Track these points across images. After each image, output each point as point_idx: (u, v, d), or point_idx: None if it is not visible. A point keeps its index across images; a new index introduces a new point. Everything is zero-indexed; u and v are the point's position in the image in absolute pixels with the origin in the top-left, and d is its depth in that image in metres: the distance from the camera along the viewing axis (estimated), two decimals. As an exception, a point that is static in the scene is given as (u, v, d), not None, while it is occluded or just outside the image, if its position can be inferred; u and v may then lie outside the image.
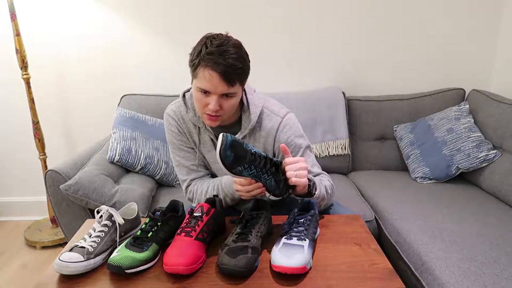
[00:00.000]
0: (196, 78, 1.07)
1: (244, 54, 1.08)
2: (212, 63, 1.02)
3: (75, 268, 0.89)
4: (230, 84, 1.04)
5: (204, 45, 1.04)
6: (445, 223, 1.43)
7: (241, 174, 0.96)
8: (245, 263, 0.88)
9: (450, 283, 1.13)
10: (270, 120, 1.21)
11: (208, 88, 1.05)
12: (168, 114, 1.26)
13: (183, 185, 1.30)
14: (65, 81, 2.24)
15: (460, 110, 1.96)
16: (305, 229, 0.98)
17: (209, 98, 1.07)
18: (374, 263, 0.95)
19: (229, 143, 0.91)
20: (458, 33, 2.18)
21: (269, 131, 1.21)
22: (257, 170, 0.96)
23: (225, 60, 1.02)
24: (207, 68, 1.03)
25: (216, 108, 1.06)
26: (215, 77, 1.02)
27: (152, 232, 0.97)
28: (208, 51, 1.02)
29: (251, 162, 0.94)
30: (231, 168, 0.93)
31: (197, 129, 1.24)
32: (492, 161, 1.75)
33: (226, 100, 1.08)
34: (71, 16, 2.13)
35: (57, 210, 1.56)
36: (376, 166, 2.10)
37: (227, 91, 1.06)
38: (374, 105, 2.11)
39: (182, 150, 1.26)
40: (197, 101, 1.11)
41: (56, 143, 2.33)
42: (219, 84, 1.03)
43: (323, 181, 1.19)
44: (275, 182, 1.01)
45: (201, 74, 1.04)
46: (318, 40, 2.20)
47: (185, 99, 1.24)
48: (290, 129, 1.21)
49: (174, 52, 2.20)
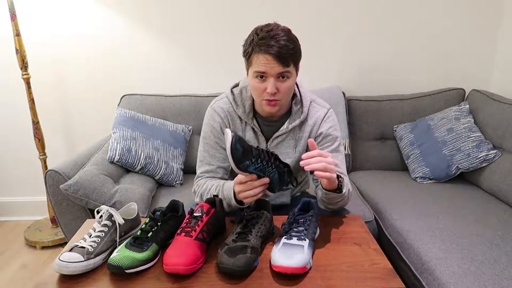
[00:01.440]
0: (252, 65, 1.12)
1: (294, 36, 1.13)
2: (265, 46, 1.07)
3: (75, 268, 0.89)
4: (285, 64, 1.09)
5: (255, 34, 1.10)
6: (445, 223, 1.43)
7: (247, 170, 0.98)
8: (244, 263, 0.88)
9: (450, 283, 1.13)
10: (317, 111, 1.27)
11: (264, 69, 1.09)
12: (215, 109, 1.27)
13: (195, 177, 1.31)
14: (65, 81, 2.24)
15: (460, 110, 1.96)
16: (305, 229, 0.98)
17: (266, 82, 1.11)
18: (374, 263, 0.95)
19: (237, 138, 0.95)
20: (458, 33, 2.18)
21: (315, 120, 1.26)
22: (262, 164, 0.99)
23: (277, 42, 1.07)
24: (260, 53, 1.08)
25: (273, 91, 1.11)
26: (270, 59, 1.08)
27: (152, 232, 0.97)
28: (260, 37, 1.08)
29: (257, 156, 0.98)
30: (240, 162, 0.96)
31: (243, 125, 1.26)
32: (492, 161, 1.75)
33: (282, 82, 1.12)
34: (71, 16, 2.13)
35: (57, 210, 1.56)
36: (376, 166, 2.10)
37: (283, 71, 1.10)
38: (374, 105, 2.11)
39: (213, 148, 1.27)
40: (254, 89, 1.15)
41: (56, 143, 2.33)
42: (274, 65, 1.08)
43: (348, 184, 1.19)
44: (278, 174, 1.03)
45: (256, 59, 1.10)
46: (318, 40, 2.20)
47: (234, 95, 1.26)
48: (333, 121, 1.28)
49: (174, 52, 2.20)
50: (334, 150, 1.25)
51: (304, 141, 1.26)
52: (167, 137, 1.95)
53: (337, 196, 1.12)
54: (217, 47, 2.19)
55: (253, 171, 0.99)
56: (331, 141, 1.25)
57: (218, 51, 2.19)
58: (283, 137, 1.26)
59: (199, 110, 2.05)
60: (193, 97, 2.09)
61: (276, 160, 1.03)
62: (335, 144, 1.26)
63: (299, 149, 1.26)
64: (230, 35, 2.17)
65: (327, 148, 1.25)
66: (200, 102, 2.06)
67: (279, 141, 1.26)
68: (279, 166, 1.03)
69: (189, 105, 2.07)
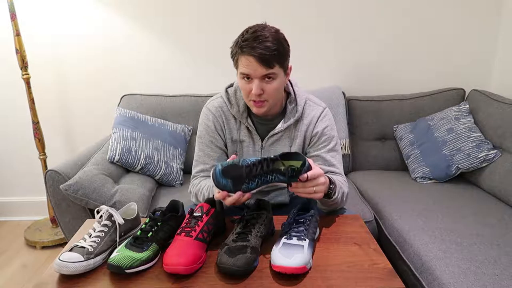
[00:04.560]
0: (238, 67, 1.13)
1: (280, 37, 1.12)
2: (248, 48, 1.07)
3: (75, 268, 0.89)
4: (268, 66, 1.08)
5: (241, 35, 1.11)
6: (445, 223, 1.43)
7: (250, 190, 0.96)
8: (244, 263, 0.88)
9: (450, 283, 1.13)
10: (312, 110, 1.27)
11: (248, 72, 1.10)
12: (209, 109, 1.28)
13: (191, 177, 1.32)
14: (65, 81, 2.24)
15: (460, 110, 1.96)
16: (305, 229, 0.98)
17: (252, 84, 1.12)
18: (374, 263, 0.95)
19: (219, 173, 0.94)
20: (458, 33, 2.18)
21: (311, 119, 1.26)
22: (259, 178, 0.96)
23: (260, 44, 1.06)
24: (244, 54, 1.08)
25: (258, 92, 1.11)
26: (252, 61, 1.07)
27: (152, 232, 0.97)
28: (244, 39, 1.09)
29: (249, 175, 0.95)
30: (236, 191, 0.95)
31: (238, 124, 1.27)
32: (492, 161, 1.75)
33: (267, 83, 1.12)
34: (71, 16, 2.13)
35: (57, 210, 1.56)
36: (376, 166, 2.10)
37: (266, 73, 1.09)
38: (374, 105, 2.11)
39: (208, 147, 1.28)
40: (242, 90, 1.16)
41: (56, 143, 2.33)
42: (257, 67, 1.08)
43: (342, 187, 1.19)
44: (281, 175, 0.97)
45: (241, 61, 1.10)
46: (318, 40, 2.20)
47: (228, 94, 1.27)
48: (329, 120, 1.28)
49: (174, 52, 2.20)
50: (331, 150, 1.25)
51: (299, 140, 1.26)
52: (167, 137, 1.95)
53: (329, 200, 1.12)
54: (217, 47, 2.19)
55: (255, 188, 0.96)
56: (327, 141, 1.25)
57: (218, 51, 2.19)
58: (279, 136, 1.26)
59: (199, 110, 1.99)
60: (193, 97, 2.09)
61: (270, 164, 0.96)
62: (331, 143, 1.26)
63: (295, 148, 1.26)
64: (230, 35, 2.14)
65: (323, 148, 1.25)
66: (200, 102, 2.05)
67: (274, 140, 1.26)
68: (277, 169, 0.97)
69: (189, 105, 2.07)
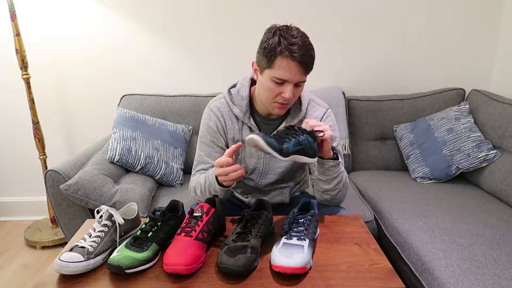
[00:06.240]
0: (272, 68, 1.09)
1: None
2: (298, 55, 1.06)
3: (75, 268, 0.89)
4: (307, 73, 1.12)
5: (282, 37, 1.07)
6: (445, 223, 1.44)
7: (288, 152, 0.97)
8: (244, 263, 0.88)
9: (450, 283, 1.13)
10: (315, 110, 1.29)
11: (287, 77, 1.09)
12: (211, 109, 1.28)
13: (191, 176, 1.32)
14: (65, 81, 2.24)
15: (460, 110, 1.96)
16: (305, 229, 0.98)
17: (284, 87, 1.11)
18: (374, 263, 0.95)
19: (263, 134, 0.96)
20: (458, 33, 2.18)
21: (315, 119, 1.26)
22: (294, 137, 0.99)
23: (307, 52, 1.08)
24: (288, 59, 1.06)
25: (291, 96, 1.11)
26: (296, 67, 1.07)
27: (152, 232, 0.97)
28: (290, 42, 1.06)
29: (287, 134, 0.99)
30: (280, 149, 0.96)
31: (240, 125, 1.27)
32: (492, 161, 1.75)
33: (297, 88, 1.14)
34: (71, 16, 2.13)
35: (57, 210, 1.56)
36: (376, 166, 2.10)
37: (302, 80, 1.12)
38: (374, 105, 2.11)
39: (210, 147, 1.28)
40: (268, 91, 1.14)
41: (56, 143, 2.33)
42: (297, 74, 1.09)
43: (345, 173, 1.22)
44: (312, 139, 1.03)
45: (280, 64, 1.08)
46: (318, 40, 2.18)
47: (231, 95, 1.27)
48: (332, 120, 1.30)
49: (174, 52, 2.20)
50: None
51: None
52: (167, 137, 1.95)
53: (334, 166, 1.14)
54: (217, 47, 2.19)
55: (293, 150, 0.98)
56: None
57: (218, 51, 2.19)
58: None
59: (199, 110, 2.05)
60: (193, 97, 2.09)
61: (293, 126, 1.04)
62: (334, 144, 1.26)
63: None
64: (230, 35, 2.16)
65: None
66: (200, 102, 2.06)
67: None
68: (305, 130, 1.04)
69: (189, 105, 2.07)
